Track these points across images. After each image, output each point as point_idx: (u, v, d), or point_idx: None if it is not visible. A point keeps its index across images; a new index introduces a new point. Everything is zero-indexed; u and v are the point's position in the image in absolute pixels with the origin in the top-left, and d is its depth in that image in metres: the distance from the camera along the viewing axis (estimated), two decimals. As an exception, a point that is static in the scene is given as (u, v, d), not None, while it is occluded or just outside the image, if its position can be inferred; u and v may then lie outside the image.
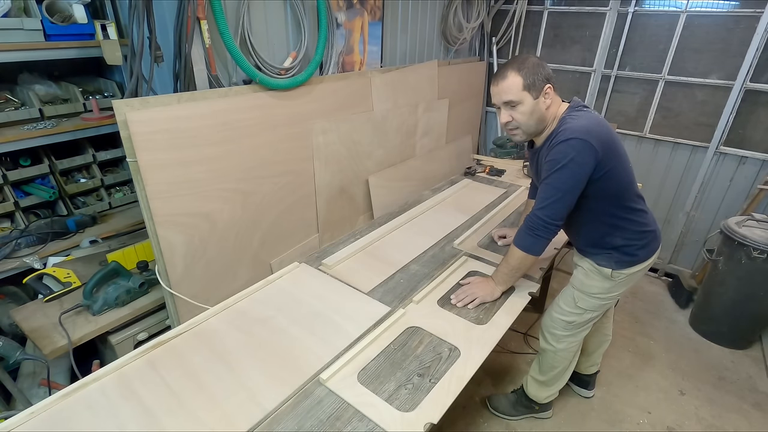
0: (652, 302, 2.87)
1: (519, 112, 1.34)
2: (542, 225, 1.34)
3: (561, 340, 1.68)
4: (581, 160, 1.25)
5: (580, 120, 1.30)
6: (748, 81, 2.49)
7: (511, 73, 1.31)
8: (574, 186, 1.29)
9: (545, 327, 1.74)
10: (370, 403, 1.08)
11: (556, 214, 1.32)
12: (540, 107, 1.34)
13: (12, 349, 1.28)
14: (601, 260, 1.52)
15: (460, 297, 1.48)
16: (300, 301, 1.47)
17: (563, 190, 1.29)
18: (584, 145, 1.25)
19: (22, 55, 1.53)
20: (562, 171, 1.27)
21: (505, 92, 1.32)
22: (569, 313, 1.63)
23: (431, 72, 2.69)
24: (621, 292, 1.60)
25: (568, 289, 1.66)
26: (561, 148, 1.27)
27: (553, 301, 1.72)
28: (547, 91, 1.33)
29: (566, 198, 1.30)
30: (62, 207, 1.98)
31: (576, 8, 2.99)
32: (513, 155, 3.03)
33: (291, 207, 1.99)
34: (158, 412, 1.04)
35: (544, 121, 1.37)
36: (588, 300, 1.59)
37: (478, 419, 1.96)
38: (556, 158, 1.28)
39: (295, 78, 1.80)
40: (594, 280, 1.56)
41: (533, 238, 1.38)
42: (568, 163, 1.26)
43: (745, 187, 2.68)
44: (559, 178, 1.28)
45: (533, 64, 1.31)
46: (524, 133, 1.39)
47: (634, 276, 1.53)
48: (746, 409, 2.07)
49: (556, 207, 1.31)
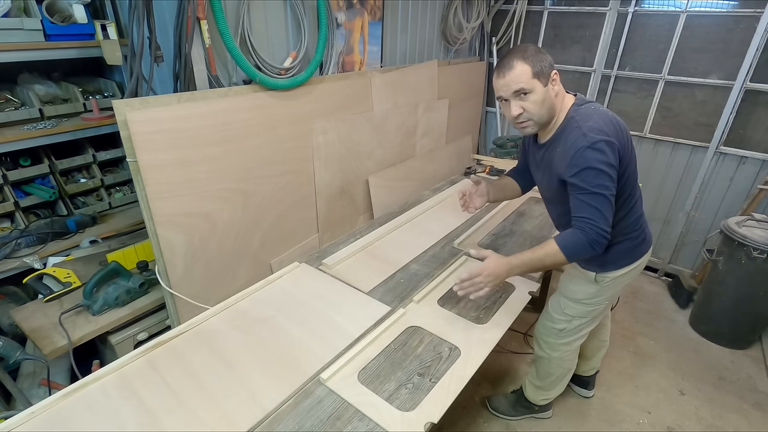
0: (652, 302, 2.86)
1: (531, 102, 1.26)
2: (604, 237, 1.25)
3: (555, 348, 1.67)
4: (613, 161, 1.21)
5: (594, 119, 1.25)
6: (748, 81, 2.49)
7: (518, 62, 1.24)
8: (614, 188, 1.24)
9: (538, 335, 1.73)
10: (371, 403, 1.08)
11: (610, 221, 1.25)
12: (550, 95, 1.28)
13: (12, 349, 1.28)
14: (586, 263, 1.49)
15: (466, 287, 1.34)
16: (300, 301, 1.47)
17: (608, 196, 1.23)
18: (611, 147, 1.21)
19: (22, 55, 1.53)
20: (601, 178, 1.21)
21: (515, 81, 1.24)
22: (558, 320, 1.62)
23: (431, 72, 2.69)
24: (608, 297, 1.55)
25: (556, 295, 1.64)
26: (590, 154, 1.20)
27: (544, 308, 1.71)
28: (554, 77, 1.28)
29: (614, 203, 1.25)
30: (62, 207, 1.97)
31: (576, 8, 2.99)
32: (513, 155, 3.03)
33: (291, 207, 1.99)
34: (158, 411, 1.04)
35: (554, 109, 1.31)
36: (574, 306, 1.56)
37: (478, 419, 1.96)
38: (590, 165, 1.20)
39: (295, 78, 1.80)
40: (579, 285, 1.54)
41: (588, 251, 1.26)
42: (604, 168, 1.20)
43: (745, 187, 2.68)
44: (601, 185, 1.21)
45: (536, 51, 1.26)
46: (536, 124, 1.31)
47: (620, 280, 1.49)
48: (746, 409, 2.07)
49: (610, 214, 1.25)
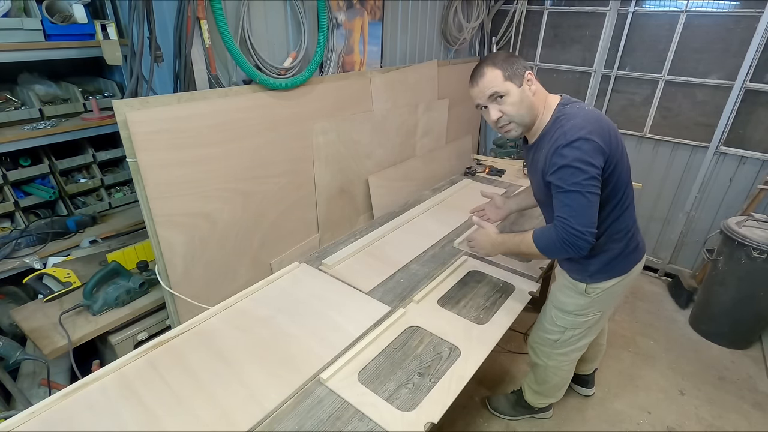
0: (652, 302, 2.86)
1: (508, 104, 1.28)
2: (578, 236, 1.21)
3: (551, 357, 1.66)
4: (592, 159, 1.18)
5: (577, 118, 1.24)
6: (748, 81, 2.49)
7: (488, 68, 1.27)
8: (594, 186, 1.20)
9: (533, 343, 1.73)
10: (371, 403, 1.08)
11: (589, 220, 1.21)
12: (527, 95, 1.28)
13: (12, 349, 1.28)
14: (575, 273, 1.47)
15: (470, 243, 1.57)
16: (300, 301, 1.47)
17: (585, 193, 1.20)
18: (590, 144, 1.18)
19: (22, 55, 1.53)
20: (577, 176, 1.19)
21: (488, 87, 1.27)
22: (552, 331, 1.61)
23: (431, 72, 2.69)
24: (600, 308, 1.52)
25: (548, 305, 1.63)
26: (567, 152, 1.19)
27: (538, 318, 1.71)
28: (529, 77, 1.29)
29: (595, 203, 1.22)
30: (62, 207, 1.97)
31: (576, 8, 2.99)
32: (513, 155, 3.03)
33: (291, 207, 1.99)
34: (158, 411, 1.04)
35: (534, 109, 1.31)
36: (566, 318, 1.55)
37: (478, 419, 1.96)
38: (566, 163, 1.19)
39: (295, 78, 1.80)
40: (569, 297, 1.52)
41: (563, 252, 1.26)
42: (581, 165, 1.18)
43: (745, 187, 2.68)
44: (577, 183, 1.19)
45: (505, 57, 1.28)
46: (519, 125, 1.32)
47: (611, 291, 1.46)
48: (746, 409, 2.07)
49: (590, 213, 1.21)
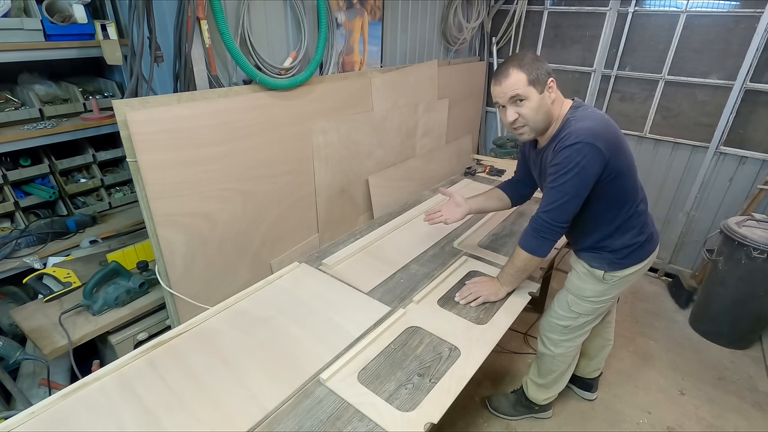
0: (652, 302, 2.86)
1: (526, 108, 1.30)
2: (548, 227, 1.33)
3: (558, 344, 1.68)
4: (588, 164, 1.24)
5: (585, 122, 1.28)
6: (748, 81, 2.49)
7: (514, 70, 1.29)
8: (581, 190, 1.28)
9: (542, 331, 1.74)
10: (371, 403, 1.08)
11: (561, 216, 1.31)
12: (546, 102, 1.31)
13: (12, 349, 1.28)
14: (594, 262, 1.52)
15: (464, 294, 1.49)
16: (300, 301, 1.47)
17: (570, 194, 1.28)
18: (591, 149, 1.23)
19: (22, 55, 1.53)
20: (569, 175, 1.25)
21: (511, 88, 1.29)
22: (564, 317, 1.63)
23: (431, 72, 2.69)
24: (615, 295, 1.58)
25: (563, 292, 1.65)
26: (567, 152, 1.25)
27: (550, 305, 1.72)
28: (551, 85, 1.31)
29: (572, 202, 1.29)
30: (62, 207, 1.97)
31: (576, 8, 2.99)
32: (513, 155, 3.03)
33: (291, 207, 1.99)
34: (158, 411, 1.04)
35: (550, 116, 1.34)
36: (582, 304, 1.58)
37: (478, 419, 1.96)
38: (562, 163, 1.26)
39: (295, 78, 1.80)
40: (587, 283, 1.55)
41: (539, 240, 1.37)
42: (575, 168, 1.24)
43: (745, 187, 2.68)
44: (566, 183, 1.26)
45: (532, 59, 1.30)
46: (532, 130, 1.36)
47: (628, 278, 1.52)
48: (746, 409, 2.07)
49: (561, 210, 1.30)
